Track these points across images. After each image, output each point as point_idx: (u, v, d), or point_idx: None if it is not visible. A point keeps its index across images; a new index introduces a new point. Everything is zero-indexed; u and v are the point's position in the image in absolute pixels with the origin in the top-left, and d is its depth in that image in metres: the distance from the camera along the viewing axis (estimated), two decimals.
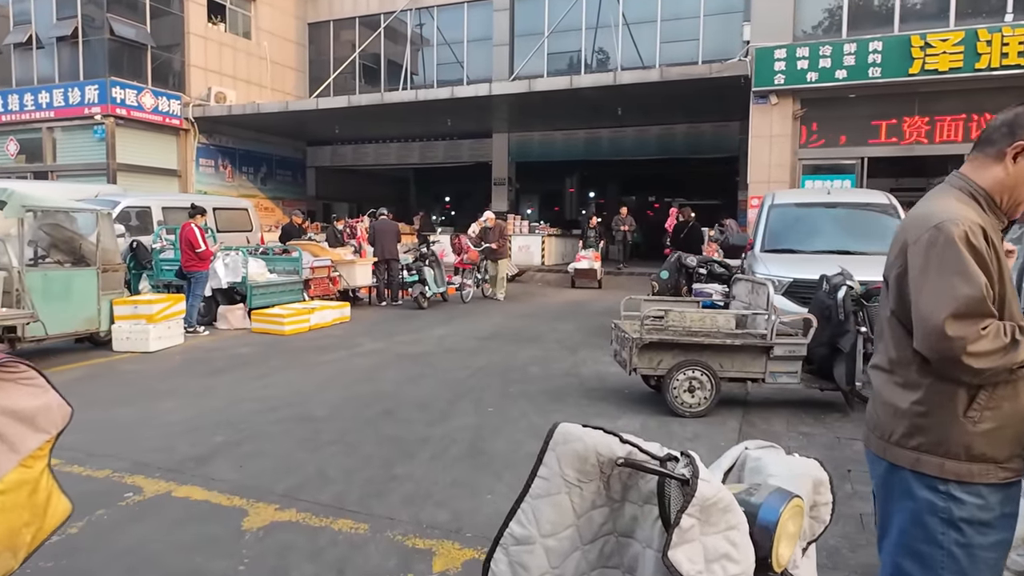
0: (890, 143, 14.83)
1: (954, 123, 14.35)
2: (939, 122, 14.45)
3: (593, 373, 7.16)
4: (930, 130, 14.54)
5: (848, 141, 15.12)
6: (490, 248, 13.16)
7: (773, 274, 7.00)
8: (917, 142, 14.57)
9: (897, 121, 14.71)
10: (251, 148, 23.32)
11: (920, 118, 14.54)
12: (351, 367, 7.42)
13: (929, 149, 14.56)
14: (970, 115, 14.18)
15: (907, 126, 14.67)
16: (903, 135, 14.72)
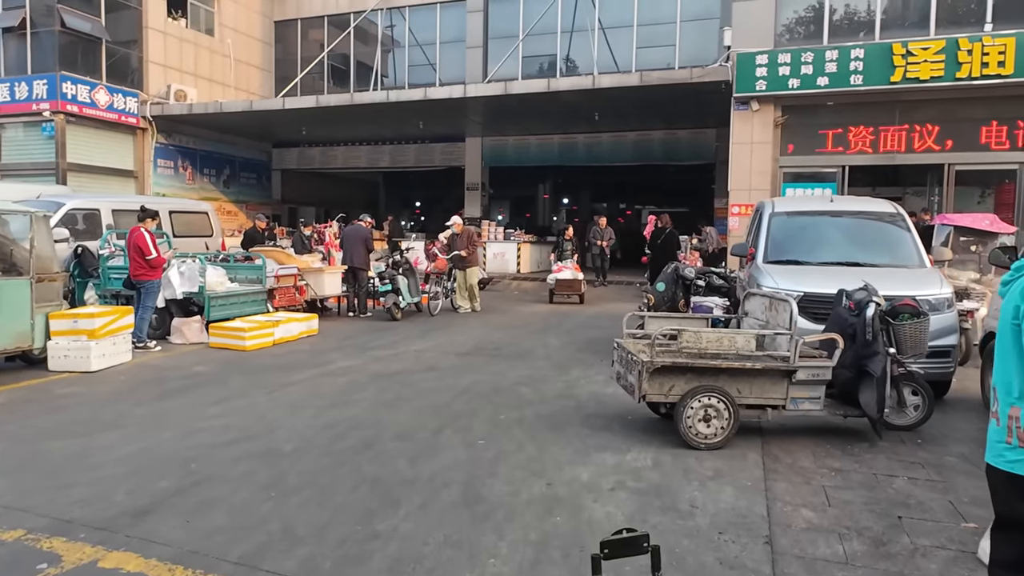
0: (871, 152, 14.55)
1: (935, 132, 14.13)
2: (920, 131, 14.22)
3: (590, 395, 6.50)
4: (911, 139, 14.30)
5: (829, 149, 14.81)
6: (458, 256, 12.15)
7: (782, 287, 6.42)
8: (898, 151, 14.32)
9: (878, 130, 14.44)
10: (213, 149, 22.21)
11: (901, 127, 14.30)
12: (322, 389, 6.63)
13: (909, 158, 14.32)
14: (950, 124, 13.99)
15: (888, 135, 14.41)
16: (884, 144, 14.46)
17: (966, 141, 13.97)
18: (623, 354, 5.41)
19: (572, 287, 13.80)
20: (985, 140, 13.87)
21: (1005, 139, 13.74)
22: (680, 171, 23.86)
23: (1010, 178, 13.91)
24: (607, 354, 8.48)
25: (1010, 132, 13.69)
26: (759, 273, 6.98)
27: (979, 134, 13.88)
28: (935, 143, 14.14)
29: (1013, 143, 13.65)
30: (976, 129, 13.89)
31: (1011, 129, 13.69)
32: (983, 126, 13.86)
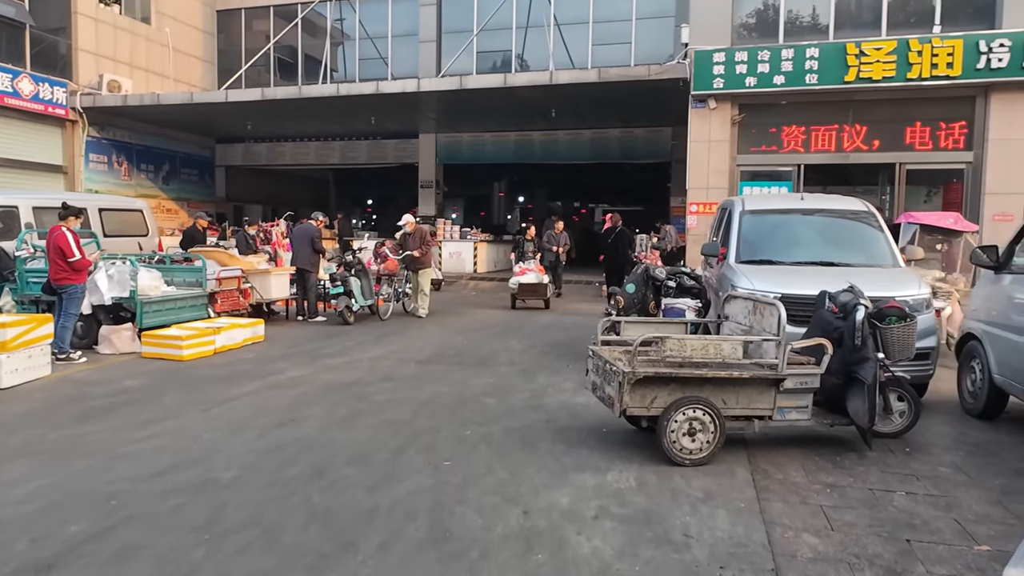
0: (826, 151, 14.57)
1: (886, 131, 14.23)
2: (873, 130, 14.30)
3: (559, 405, 6.05)
4: (865, 138, 14.37)
5: (785, 148, 14.77)
6: (411, 256, 11.22)
7: (759, 289, 6.11)
8: (854, 150, 14.37)
9: (833, 129, 14.47)
10: (151, 144, 20.98)
11: (855, 126, 14.36)
12: (267, 404, 6.00)
13: (862, 157, 14.40)
14: (902, 124, 14.11)
15: (843, 134, 14.46)
16: (838, 143, 14.50)
17: (917, 141, 14.11)
18: (599, 363, 4.97)
19: (536, 292, 12.49)
20: (934, 140, 14.04)
21: (953, 139, 13.93)
22: (635, 169, 23.75)
23: (957, 177, 14.11)
24: (573, 358, 8.08)
25: (958, 132, 13.89)
26: (733, 274, 6.66)
27: (929, 134, 14.04)
28: (887, 142, 14.25)
29: (962, 143, 13.86)
30: (926, 129, 14.03)
31: (959, 129, 13.88)
32: (933, 126, 14.01)
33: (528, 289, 12.41)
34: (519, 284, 12.42)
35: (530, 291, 12.44)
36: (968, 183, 13.90)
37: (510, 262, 21.31)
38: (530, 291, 12.44)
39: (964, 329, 6.06)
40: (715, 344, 4.56)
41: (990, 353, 5.52)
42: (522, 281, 12.42)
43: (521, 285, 12.41)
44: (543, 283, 12.47)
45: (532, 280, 12.42)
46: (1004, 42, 12.91)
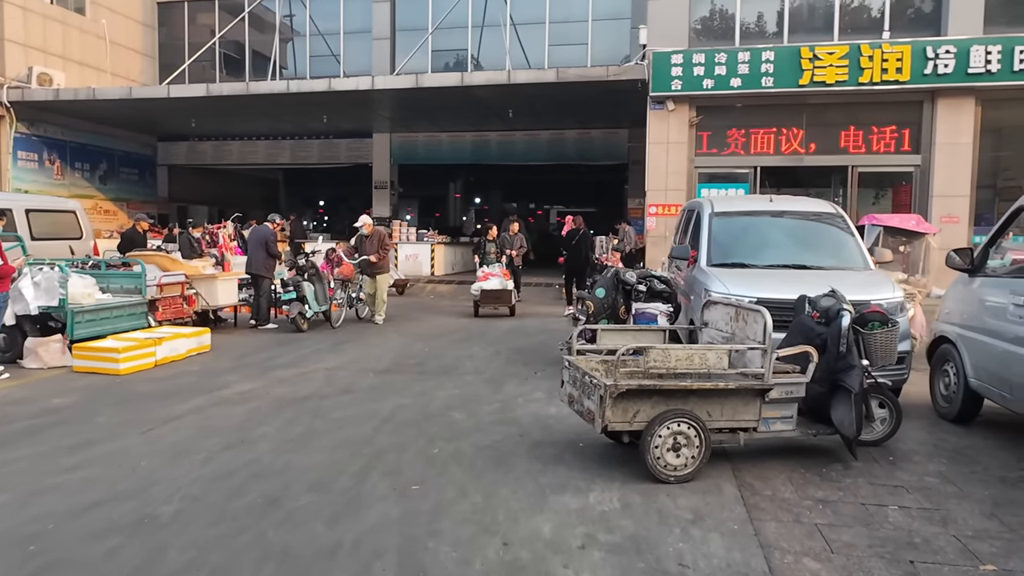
0: (781, 153, 14.67)
1: (839, 135, 14.42)
2: (826, 134, 14.47)
3: (531, 418, 5.71)
4: (818, 141, 14.52)
5: (742, 150, 14.81)
6: (367, 261, 10.63)
7: (734, 293, 5.91)
8: (811, 151, 14.50)
9: (789, 132, 14.59)
10: (87, 141, 19.82)
11: (809, 129, 14.50)
12: (214, 423, 5.48)
13: (816, 160, 14.55)
14: (854, 128, 14.30)
15: (797, 137, 14.58)
16: (792, 146, 14.62)
17: (868, 144, 14.33)
18: (576, 375, 4.66)
19: (500, 298, 11.64)
20: (885, 143, 14.28)
21: (903, 143, 14.20)
22: (590, 171, 23.68)
23: (907, 180, 14.39)
24: (540, 365, 7.76)
25: (907, 136, 14.16)
26: (706, 278, 6.45)
27: (880, 137, 14.27)
28: (840, 146, 14.43)
29: (910, 146, 14.13)
30: (877, 132, 14.27)
31: (908, 133, 14.15)
32: (884, 129, 14.26)
33: (491, 295, 11.59)
34: (481, 290, 11.58)
35: (493, 297, 11.62)
36: (917, 185, 14.18)
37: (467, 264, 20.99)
38: (493, 297, 11.62)
39: (936, 332, 5.98)
40: (700, 354, 4.29)
41: (966, 357, 5.42)
42: (485, 287, 11.59)
43: (484, 291, 11.58)
44: (507, 289, 11.61)
45: (495, 286, 11.58)
46: (950, 48, 13.20)
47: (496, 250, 12.29)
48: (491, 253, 12.23)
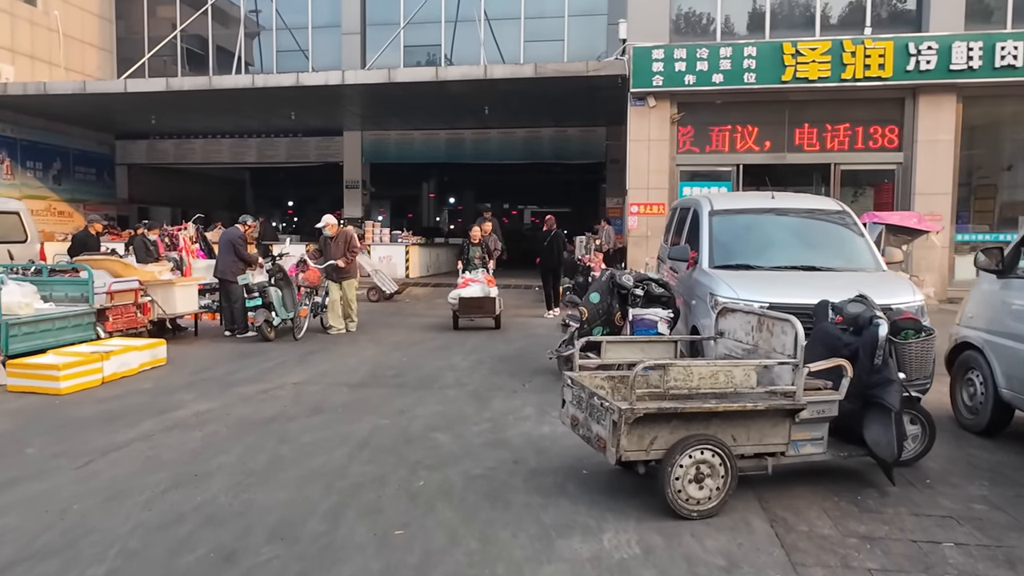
0: (763, 151, 14.30)
1: (821, 132, 14.09)
2: (808, 131, 14.13)
3: (524, 439, 5.09)
4: (801, 139, 14.18)
5: (724, 147, 14.41)
6: (334, 266, 9.56)
7: (744, 298, 5.38)
8: (793, 149, 14.15)
9: (771, 128, 14.22)
10: (39, 139, 18.65)
11: (791, 126, 14.15)
12: (163, 452, 4.75)
13: (798, 157, 14.21)
14: (836, 125, 13.99)
15: (779, 134, 14.22)
16: (775, 143, 14.26)
17: (850, 141, 14.03)
18: (582, 395, 4.05)
19: (483, 307, 9.92)
20: (867, 141, 13.99)
21: (885, 140, 13.93)
22: (565, 170, 23.17)
23: (889, 178, 14.13)
24: (527, 375, 7.15)
25: (889, 133, 13.89)
26: (709, 280, 5.91)
27: (862, 135, 13.98)
28: (822, 143, 14.11)
29: (892, 144, 13.86)
30: (859, 130, 13.97)
31: (890, 130, 13.88)
32: (865, 127, 13.96)
33: (472, 304, 9.93)
34: (460, 299, 9.89)
35: (474, 306, 9.96)
36: (899, 183, 13.92)
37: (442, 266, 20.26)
38: (474, 306, 9.96)
39: (957, 337, 5.51)
40: (726, 371, 3.72)
41: (995, 365, 4.96)
42: (464, 295, 9.91)
43: (463, 300, 9.88)
44: (490, 297, 9.97)
45: (476, 293, 9.95)
46: (932, 44, 12.94)
47: (482, 254, 10.67)
48: (476, 258, 10.64)
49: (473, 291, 9.96)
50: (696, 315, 6.02)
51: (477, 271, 10.39)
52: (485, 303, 9.94)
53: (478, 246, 10.81)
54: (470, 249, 10.83)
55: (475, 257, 10.67)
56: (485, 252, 10.78)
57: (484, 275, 10.36)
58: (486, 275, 10.40)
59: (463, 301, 9.89)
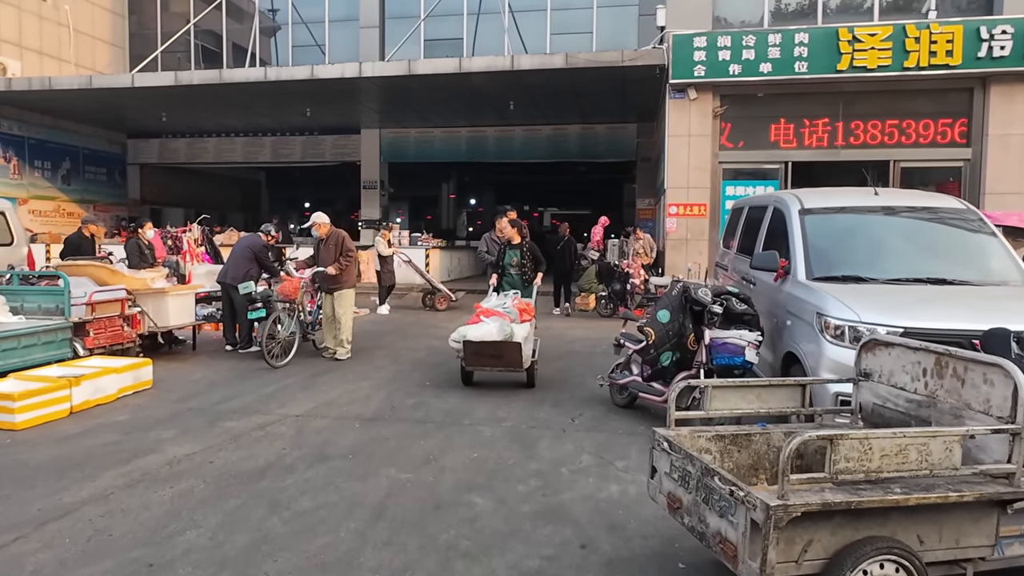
0: (814, 147, 12.94)
1: (879, 126, 12.71)
2: (865, 125, 12.75)
3: (588, 505, 3.83)
4: (856, 133, 12.81)
5: (771, 143, 13.06)
6: (323, 274, 7.69)
7: (868, 321, 4.11)
8: (848, 144, 12.78)
9: (823, 122, 12.85)
10: (48, 138, 17.73)
11: (846, 120, 12.78)
12: (115, 522, 3.56)
13: (853, 153, 12.83)
14: (896, 118, 12.60)
15: (832, 128, 12.85)
16: (827, 138, 12.90)
17: (912, 136, 12.63)
18: (688, 468, 2.79)
19: (503, 356, 6.17)
20: (931, 135, 12.59)
21: (951, 134, 12.52)
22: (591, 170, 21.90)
23: (955, 176, 12.69)
24: (573, 405, 5.89)
25: (956, 127, 12.48)
26: (813, 296, 4.62)
27: (925, 129, 12.57)
28: (880, 138, 12.73)
29: (959, 138, 12.45)
30: (922, 123, 12.57)
31: (957, 124, 12.47)
32: (929, 120, 12.57)
33: (485, 352, 6.15)
34: (466, 341, 6.12)
35: (490, 354, 6.17)
36: (966, 182, 12.49)
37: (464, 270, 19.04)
38: (490, 354, 6.17)
39: None
40: (919, 445, 2.44)
41: None
42: (472, 336, 6.11)
43: (470, 344, 6.10)
44: (513, 340, 6.08)
45: (492, 334, 6.08)
46: (1007, 29, 11.51)
47: (521, 261, 7.20)
48: (512, 267, 7.23)
49: (487, 330, 6.08)
50: (794, 339, 4.74)
51: (507, 296, 6.77)
52: (506, 350, 6.05)
53: (517, 249, 7.28)
54: (507, 253, 7.32)
55: (511, 266, 7.23)
56: (530, 260, 7.24)
57: (514, 301, 6.63)
58: (520, 301, 6.68)
59: (470, 346, 6.09)
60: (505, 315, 6.32)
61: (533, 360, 6.47)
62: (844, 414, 3.54)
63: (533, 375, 6.53)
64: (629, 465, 4.45)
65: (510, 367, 6.28)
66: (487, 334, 6.10)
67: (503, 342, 6.07)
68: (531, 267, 7.23)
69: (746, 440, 3.19)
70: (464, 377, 6.56)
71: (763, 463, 3.23)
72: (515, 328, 6.18)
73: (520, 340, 6.09)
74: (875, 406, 3.29)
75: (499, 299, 6.80)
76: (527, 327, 6.41)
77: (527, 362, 6.30)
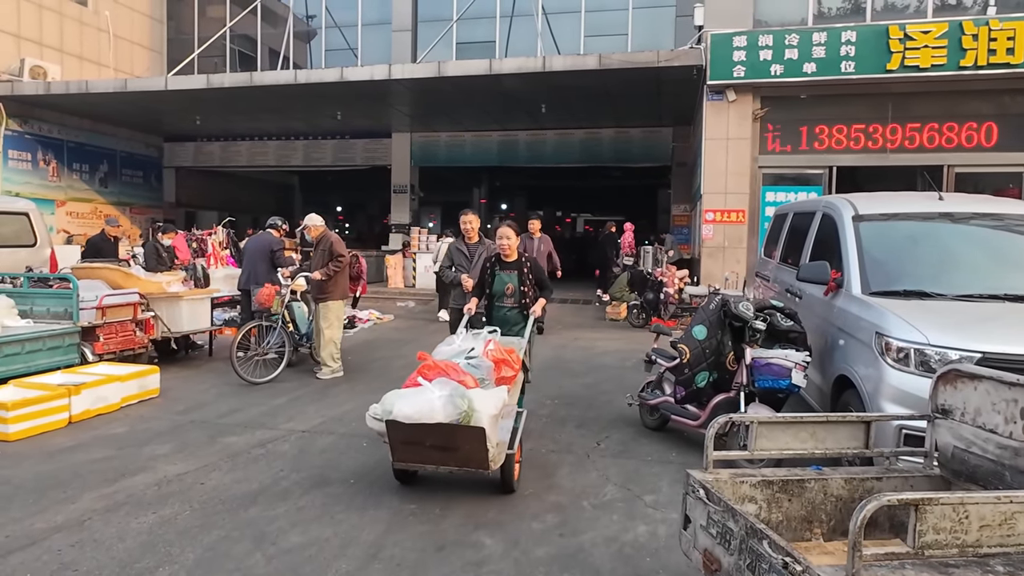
0: (862, 150, 12.19)
1: (932, 129, 11.90)
2: (916, 128, 11.96)
3: (610, 552, 3.32)
4: (907, 136, 12.02)
5: (814, 147, 12.36)
6: (309, 280, 6.98)
7: (935, 344, 3.54)
8: (898, 148, 12.00)
9: (870, 125, 12.10)
10: (86, 141, 17.89)
11: (896, 122, 12.00)
12: (84, 555, 3.20)
13: (903, 158, 12.03)
14: (950, 121, 11.78)
15: (880, 131, 12.09)
16: (875, 141, 12.13)
17: (967, 140, 11.79)
18: (729, 524, 2.29)
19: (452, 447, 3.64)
20: (988, 139, 11.73)
21: (1010, 138, 11.65)
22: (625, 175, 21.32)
23: (1015, 182, 11.79)
24: (598, 427, 5.35)
25: (1016, 130, 11.61)
26: (872, 314, 4.05)
27: (983, 132, 11.73)
28: (933, 141, 11.92)
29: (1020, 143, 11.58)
30: (978, 126, 11.73)
31: (1017, 127, 11.60)
32: (986, 123, 11.72)
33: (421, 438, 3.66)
34: (390, 421, 3.63)
35: (431, 444, 3.68)
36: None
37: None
38: (431, 444, 3.68)
39: None
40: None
41: None
42: (399, 413, 3.60)
43: (396, 426, 3.63)
44: (471, 421, 3.54)
45: (434, 409, 3.57)
46: None
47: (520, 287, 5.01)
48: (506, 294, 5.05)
49: (426, 404, 3.59)
50: (847, 360, 4.18)
51: (479, 335, 4.36)
52: (460, 439, 3.62)
53: (514, 270, 5.01)
54: (497, 277, 5.01)
55: (505, 295, 4.99)
56: (531, 285, 5.01)
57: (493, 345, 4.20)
58: (497, 346, 4.21)
59: (398, 431, 3.66)
60: (463, 375, 3.77)
61: (511, 453, 3.83)
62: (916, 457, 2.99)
63: (511, 478, 3.91)
64: (659, 500, 3.94)
65: (468, 466, 3.67)
66: (425, 411, 3.52)
67: (455, 427, 3.51)
68: (532, 295, 5.00)
69: (798, 487, 2.67)
70: (398, 475, 4.03)
71: (818, 514, 2.71)
72: (477, 400, 3.57)
73: (485, 421, 3.50)
74: (956, 450, 2.73)
75: (464, 341, 4.29)
76: (499, 395, 3.76)
77: (499, 458, 3.69)
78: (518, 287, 5.03)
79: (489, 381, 3.98)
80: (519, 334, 4.87)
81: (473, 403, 3.58)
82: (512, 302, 5.04)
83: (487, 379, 3.98)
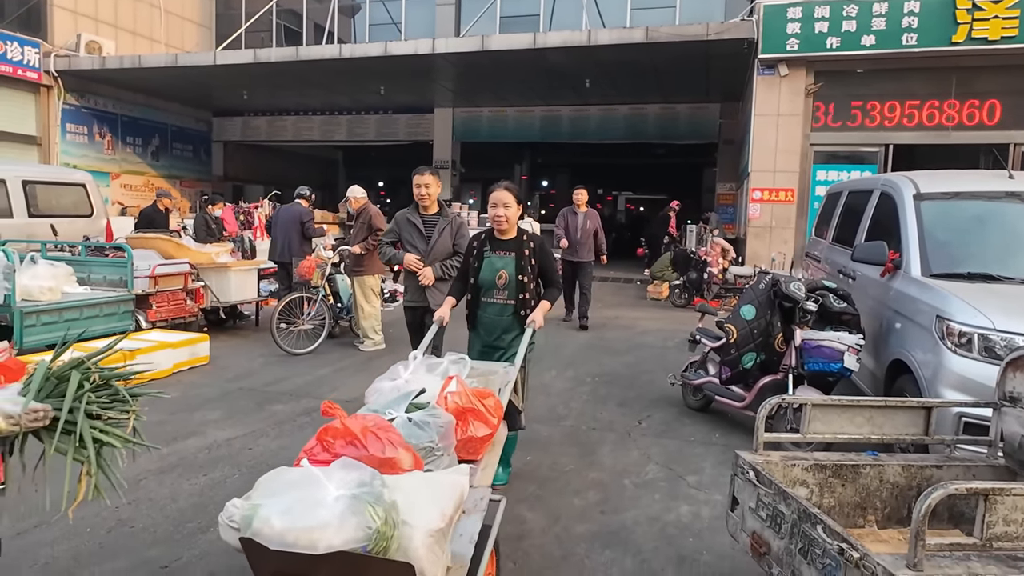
0: (920, 128, 11.64)
1: (999, 105, 11.28)
2: (981, 104, 11.36)
3: (652, 530, 3.29)
4: (970, 113, 11.43)
5: (870, 124, 11.85)
6: (347, 252, 6.95)
7: (1002, 329, 3.38)
8: (957, 125, 11.43)
9: (930, 101, 11.53)
10: (139, 115, 18.36)
11: (959, 98, 11.40)
12: (140, 513, 3.31)
13: (965, 136, 11.45)
14: (1018, 96, 11.15)
15: (941, 107, 11.51)
16: (934, 118, 11.57)
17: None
18: (780, 507, 2.22)
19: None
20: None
21: None
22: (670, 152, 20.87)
23: None
24: (640, 406, 5.24)
25: None
26: (933, 296, 3.87)
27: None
28: (999, 118, 11.31)
29: None
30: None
31: None
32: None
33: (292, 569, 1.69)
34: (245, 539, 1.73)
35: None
36: None
37: None
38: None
39: None
40: None
41: None
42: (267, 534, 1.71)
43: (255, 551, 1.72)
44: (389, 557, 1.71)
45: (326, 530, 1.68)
46: None
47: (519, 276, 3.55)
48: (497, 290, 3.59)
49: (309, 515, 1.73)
50: (904, 344, 4.01)
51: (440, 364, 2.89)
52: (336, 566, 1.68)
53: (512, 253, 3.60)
54: (485, 261, 3.62)
55: (497, 287, 3.57)
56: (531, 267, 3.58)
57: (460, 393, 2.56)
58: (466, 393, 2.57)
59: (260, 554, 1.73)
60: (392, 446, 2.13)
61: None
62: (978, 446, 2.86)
63: None
64: (702, 481, 3.88)
65: None
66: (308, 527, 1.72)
67: (360, 559, 1.72)
68: (533, 292, 3.59)
69: (853, 472, 2.58)
70: None
71: (872, 501, 2.62)
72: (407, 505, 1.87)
73: (418, 546, 1.79)
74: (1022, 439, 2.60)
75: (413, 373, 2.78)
76: (453, 488, 2.03)
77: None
78: (514, 276, 3.51)
79: (443, 451, 2.31)
80: (510, 347, 3.48)
81: (397, 512, 1.82)
82: (505, 296, 3.54)
83: (440, 447, 2.30)
